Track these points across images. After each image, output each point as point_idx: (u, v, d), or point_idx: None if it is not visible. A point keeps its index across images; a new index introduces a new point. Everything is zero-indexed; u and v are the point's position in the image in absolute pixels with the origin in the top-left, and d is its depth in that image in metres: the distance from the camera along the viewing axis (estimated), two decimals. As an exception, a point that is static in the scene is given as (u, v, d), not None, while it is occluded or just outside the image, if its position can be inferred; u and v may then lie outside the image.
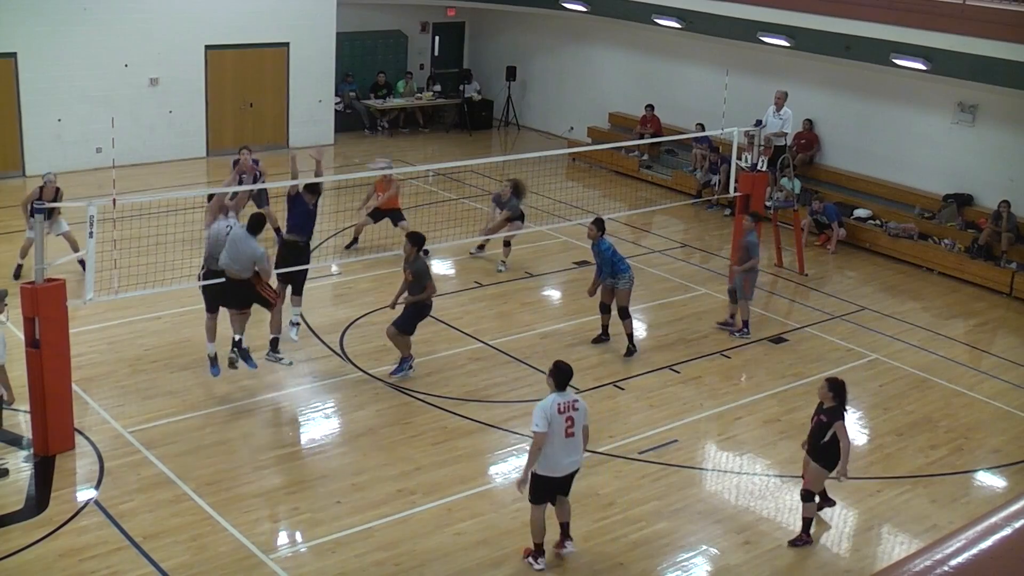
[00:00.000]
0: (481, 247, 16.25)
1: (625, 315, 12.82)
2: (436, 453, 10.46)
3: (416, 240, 11.78)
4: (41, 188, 14.08)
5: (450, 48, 26.24)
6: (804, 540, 9.29)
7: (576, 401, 8.56)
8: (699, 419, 11.48)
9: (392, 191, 15.96)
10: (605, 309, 13.07)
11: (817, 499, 9.52)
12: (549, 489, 8.55)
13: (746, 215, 14.11)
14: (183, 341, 12.70)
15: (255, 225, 11.20)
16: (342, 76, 23.48)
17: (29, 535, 8.76)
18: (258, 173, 15.78)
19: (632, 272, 12.87)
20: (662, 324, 14.16)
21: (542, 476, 8.45)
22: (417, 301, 11.76)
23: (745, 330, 13.74)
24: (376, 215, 16.06)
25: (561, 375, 8.50)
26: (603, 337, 13.19)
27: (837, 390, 9.08)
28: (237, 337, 11.41)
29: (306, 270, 12.68)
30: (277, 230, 15.06)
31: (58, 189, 14.22)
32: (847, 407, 9.24)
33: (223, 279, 11.08)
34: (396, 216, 16.05)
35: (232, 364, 11.49)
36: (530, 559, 8.76)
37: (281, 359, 11.80)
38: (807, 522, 9.31)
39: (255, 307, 11.48)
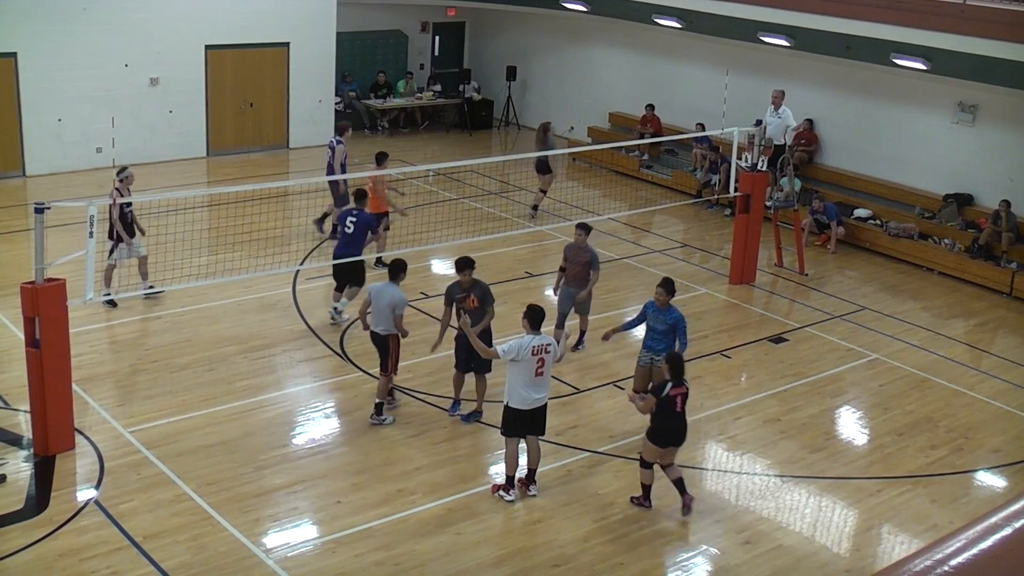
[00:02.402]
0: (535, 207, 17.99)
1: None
2: (436, 453, 10.46)
3: (468, 264, 10.80)
4: (121, 180, 13.31)
5: (450, 48, 26.24)
6: (641, 503, 9.67)
7: (549, 344, 9.40)
8: (699, 419, 11.47)
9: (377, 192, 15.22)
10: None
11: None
12: (519, 421, 9.44)
13: (579, 227, 12.36)
14: (183, 341, 12.70)
15: (396, 270, 10.89)
16: (342, 76, 23.48)
17: (29, 535, 8.76)
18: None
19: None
20: (662, 324, 14.14)
21: (513, 408, 9.40)
22: (484, 328, 10.67)
23: (582, 345, 12.81)
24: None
25: (535, 316, 9.40)
26: None
27: (674, 363, 9.34)
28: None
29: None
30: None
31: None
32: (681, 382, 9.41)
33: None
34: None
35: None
36: (501, 492, 9.63)
37: (384, 420, 10.99)
38: (646, 488, 9.67)
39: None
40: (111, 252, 13.14)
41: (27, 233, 15.02)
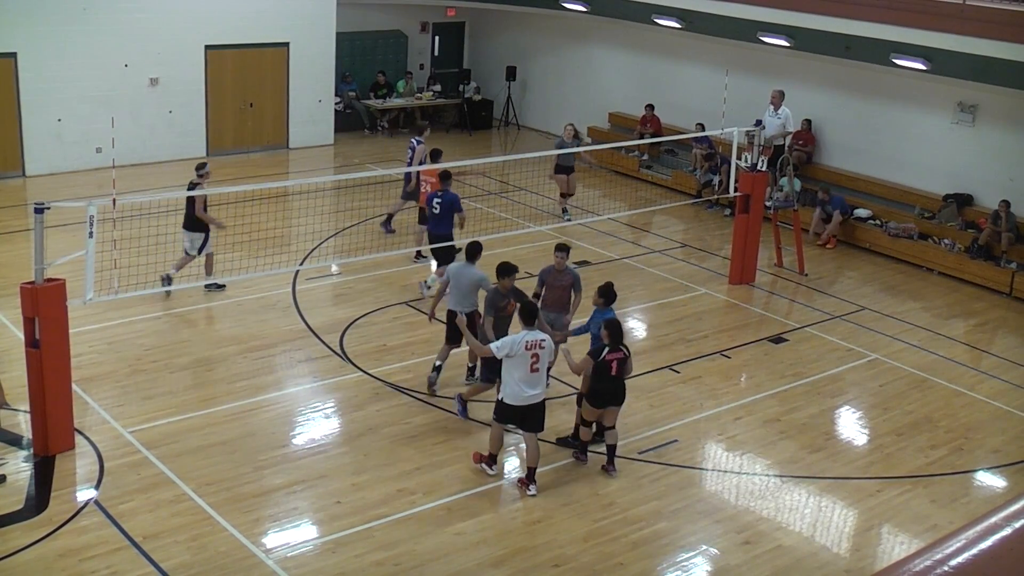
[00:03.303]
0: (565, 209, 18.21)
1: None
2: (436, 453, 10.46)
3: (511, 271, 10.79)
4: (201, 176, 13.91)
5: (450, 48, 26.24)
6: (578, 457, 10.26)
7: (543, 340, 9.52)
8: (699, 419, 11.48)
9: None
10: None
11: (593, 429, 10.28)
12: (512, 415, 9.67)
13: (559, 249, 11.47)
14: (183, 341, 12.70)
15: (473, 252, 11.43)
16: (342, 76, 23.48)
17: (29, 535, 8.76)
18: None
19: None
20: (662, 324, 14.16)
21: (506, 404, 9.60)
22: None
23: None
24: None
25: (527, 313, 9.65)
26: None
27: (613, 330, 9.83)
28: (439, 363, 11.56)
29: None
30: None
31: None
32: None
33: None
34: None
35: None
36: (483, 464, 9.96)
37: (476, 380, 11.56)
38: (583, 444, 10.26)
39: None
40: (204, 244, 13.87)
41: (27, 233, 15.03)
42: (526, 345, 9.40)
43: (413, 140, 16.72)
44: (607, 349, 9.79)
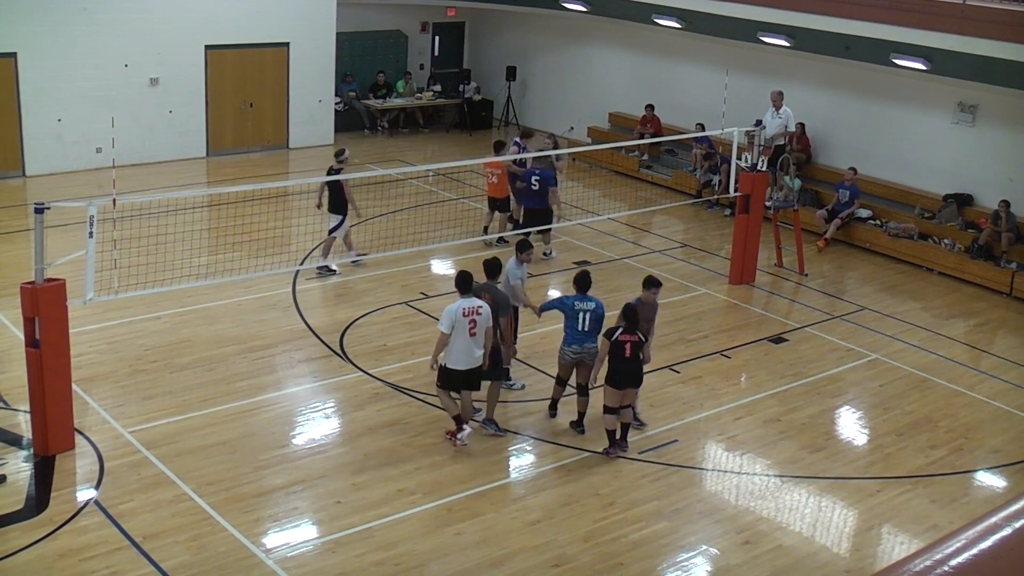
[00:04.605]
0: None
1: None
2: (436, 453, 10.45)
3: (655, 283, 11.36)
4: (341, 161, 15.05)
5: (450, 48, 26.24)
6: (608, 451, 10.48)
7: (480, 307, 10.17)
8: (699, 419, 11.48)
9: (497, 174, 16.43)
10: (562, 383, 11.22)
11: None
12: (454, 379, 10.26)
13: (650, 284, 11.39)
14: (183, 341, 12.70)
15: (521, 248, 11.69)
16: (342, 76, 23.48)
17: (29, 535, 8.76)
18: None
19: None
20: (662, 324, 14.09)
21: (451, 369, 10.21)
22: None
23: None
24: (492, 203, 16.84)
25: (463, 281, 10.30)
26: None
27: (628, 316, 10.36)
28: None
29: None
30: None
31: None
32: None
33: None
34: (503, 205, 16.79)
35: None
36: (455, 438, 10.36)
37: (513, 384, 11.74)
38: (610, 434, 10.52)
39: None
40: (337, 226, 14.84)
41: (27, 233, 15.02)
42: (463, 312, 10.10)
43: (517, 142, 17.32)
44: (620, 330, 10.28)
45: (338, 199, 14.80)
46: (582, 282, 10.87)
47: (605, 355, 10.41)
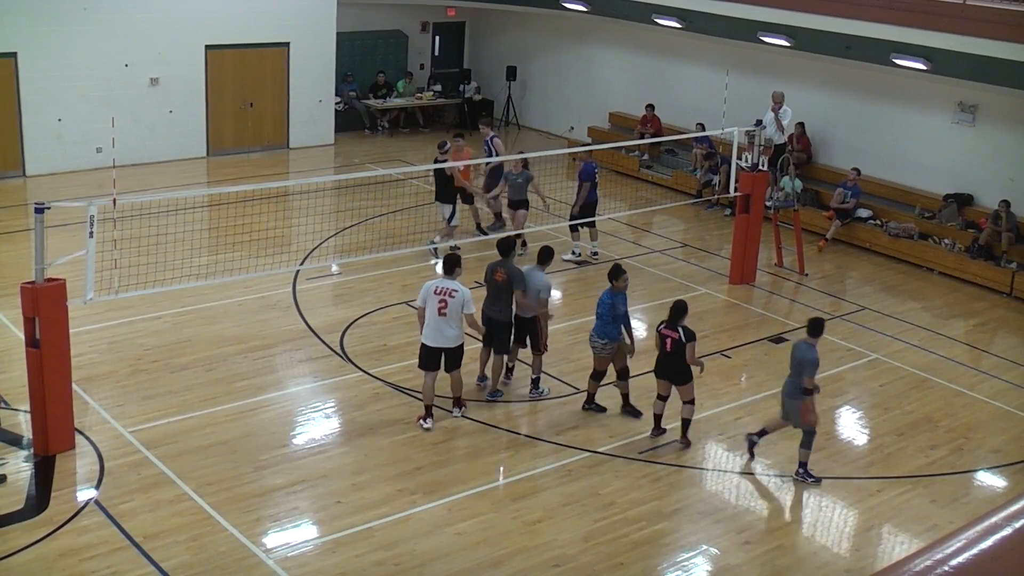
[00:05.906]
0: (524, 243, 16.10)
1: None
2: (436, 453, 10.46)
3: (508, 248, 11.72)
4: (444, 152, 15.97)
5: (450, 48, 26.23)
6: (654, 433, 10.97)
7: (455, 290, 10.49)
8: (699, 419, 11.47)
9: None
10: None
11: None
12: (431, 357, 10.71)
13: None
14: (183, 341, 12.70)
15: (544, 257, 11.70)
16: (342, 76, 23.48)
17: (29, 535, 8.76)
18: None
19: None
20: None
21: (424, 345, 10.71)
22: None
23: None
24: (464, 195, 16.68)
25: (447, 263, 10.86)
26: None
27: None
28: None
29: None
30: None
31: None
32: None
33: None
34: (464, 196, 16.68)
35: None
36: (420, 421, 10.78)
37: (542, 392, 11.80)
38: (656, 418, 10.96)
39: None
40: (452, 214, 15.70)
41: (27, 233, 15.02)
42: (435, 290, 10.53)
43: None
44: (663, 324, 10.64)
45: (446, 189, 15.70)
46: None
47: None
